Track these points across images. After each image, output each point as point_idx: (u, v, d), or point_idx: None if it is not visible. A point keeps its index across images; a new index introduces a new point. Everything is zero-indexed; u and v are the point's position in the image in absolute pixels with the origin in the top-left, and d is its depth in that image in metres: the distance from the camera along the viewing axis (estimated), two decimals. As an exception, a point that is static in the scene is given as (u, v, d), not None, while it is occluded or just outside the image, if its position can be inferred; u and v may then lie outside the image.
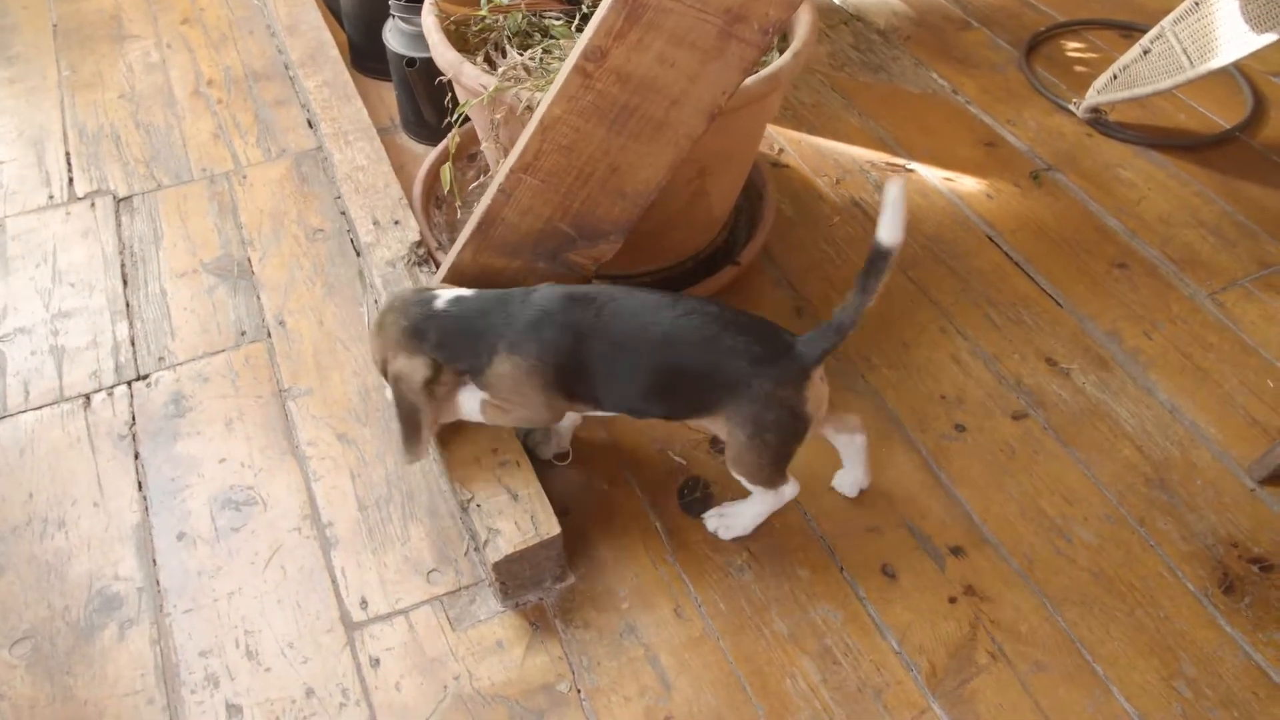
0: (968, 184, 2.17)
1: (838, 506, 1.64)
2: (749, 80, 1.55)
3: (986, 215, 2.10)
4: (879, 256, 1.31)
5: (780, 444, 1.43)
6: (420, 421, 1.45)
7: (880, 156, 2.24)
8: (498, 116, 1.57)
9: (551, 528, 1.48)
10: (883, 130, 2.30)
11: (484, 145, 1.62)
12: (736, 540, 1.60)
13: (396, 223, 1.90)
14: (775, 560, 1.58)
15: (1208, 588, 1.54)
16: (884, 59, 2.50)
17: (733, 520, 1.60)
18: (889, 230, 1.29)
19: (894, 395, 1.79)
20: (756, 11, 1.30)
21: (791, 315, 1.92)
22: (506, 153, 1.60)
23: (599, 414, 1.53)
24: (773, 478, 1.49)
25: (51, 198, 2.18)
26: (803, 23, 1.68)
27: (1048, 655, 1.47)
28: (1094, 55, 2.50)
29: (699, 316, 1.39)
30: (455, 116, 1.59)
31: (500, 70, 1.58)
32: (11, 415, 1.79)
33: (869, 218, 2.10)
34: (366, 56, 2.42)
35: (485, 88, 1.55)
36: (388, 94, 2.38)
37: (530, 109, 1.52)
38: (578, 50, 1.35)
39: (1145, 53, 2.18)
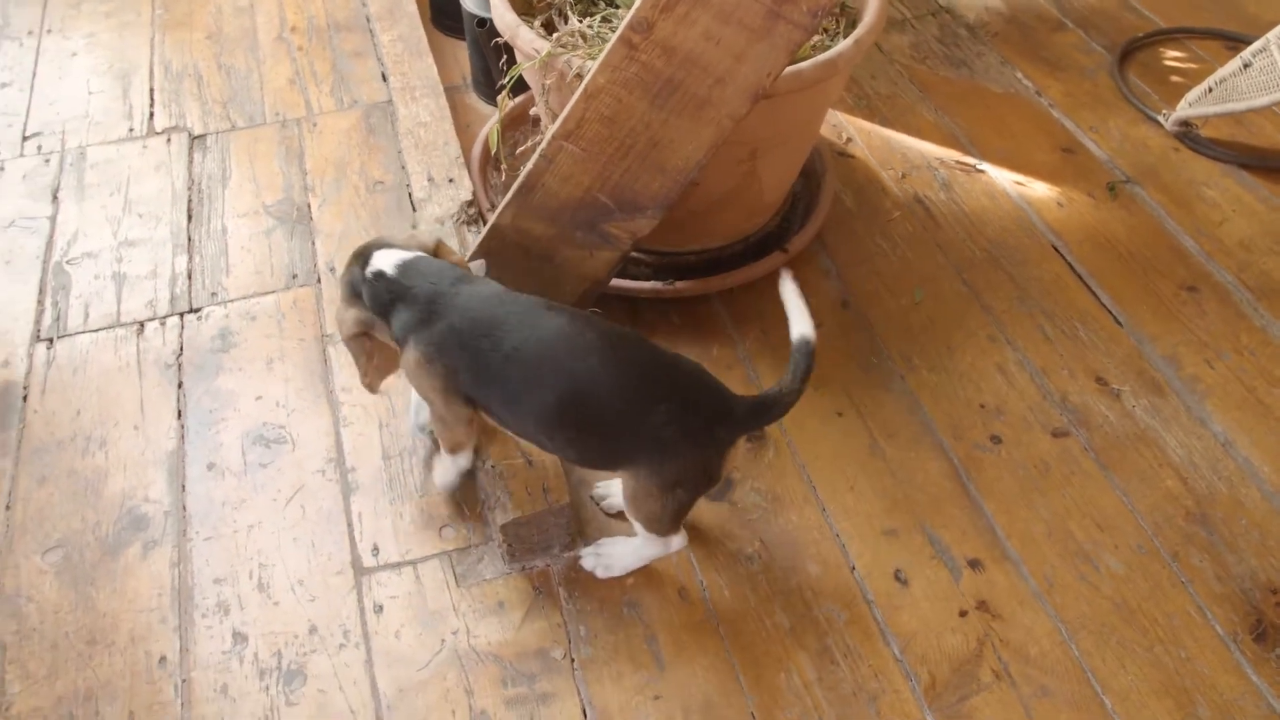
0: (1039, 190, 2.09)
1: (858, 505, 1.61)
2: (805, 64, 1.52)
3: (1054, 224, 2.03)
4: (802, 348, 1.30)
5: (689, 499, 1.39)
6: (360, 363, 1.47)
7: (950, 154, 2.17)
8: (548, 82, 1.56)
9: (561, 496, 1.49)
10: (957, 127, 2.23)
11: (537, 109, 1.62)
12: (750, 529, 1.58)
13: (451, 180, 1.91)
14: (787, 552, 1.56)
15: (1237, 632, 1.47)
16: (968, 54, 2.42)
17: (611, 560, 1.53)
18: (800, 325, 1.29)
19: (931, 399, 1.75)
20: (808, -8, 1.27)
21: (837, 308, 1.88)
22: (554, 119, 1.60)
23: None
24: (670, 528, 1.42)
25: (131, 130, 2.26)
26: (871, 9, 1.63)
27: (1055, 681, 1.43)
28: (1193, 66, 2.38)
29: (630, 372, 1.32)
30: (508, 79, 1.60)
31: (555, 36, 1.57)
32: (70, 335, 1.87)
33: (930, 216, 2.04)
34: (445, 14, 2.44)
35: (538, 52, 1.55)
36: (463, 53, 2.39)
37: (579, 77, 1.52)
38: (625, 21, 1.34)
39: (1245, 66, 2.07)
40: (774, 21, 1.29)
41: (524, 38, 1.58)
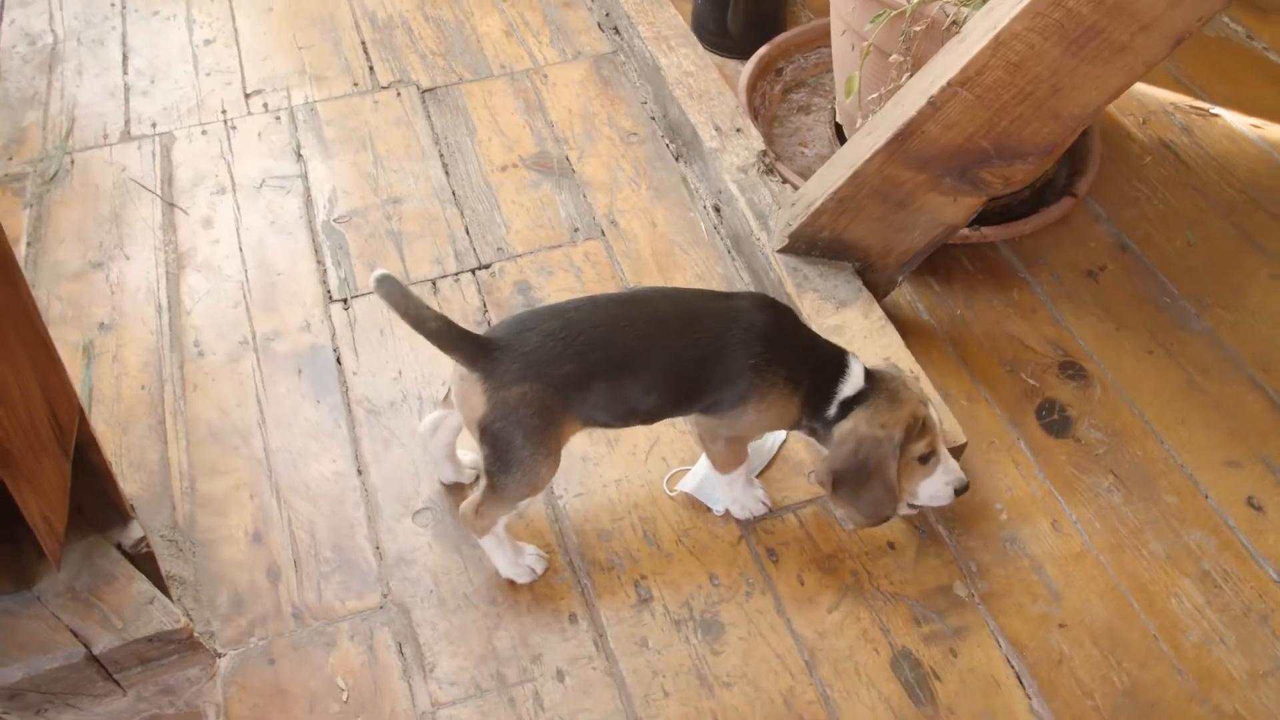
0: (1278, 131, 2.17)
1: (1192, 438, 1.68)
2: (1173, 9, 1.55)
3: (1297, 164, 2.11)
4: None
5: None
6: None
7: (1182, 99, 2.23)
8: (916, 29, 1.57)
9: (958, 435, 1.52)
10: (1178, 72, 2.29)
11: (891, 57, 1.63)
12: (1099, 463, 1.64)
13: (738, 130, 1.91)
14: (1141, 485, 1.62)
15: None
16: (1170, 0, 2.47)
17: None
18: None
19: (1232, 335, 1.82)
20: (1261, -62, 1.29)
21: (1117, 250, 1.94)
22: (914, 67, 1.61)
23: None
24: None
25: (356, 85, 2.19)
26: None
27: None
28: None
29: None
30: (876, 24, 1.60)
31: (921, -18, 1.58)
32: (362, 295, 1.82)
33: (1180, 160, 2.10)
34: (654, -37, 2.40)
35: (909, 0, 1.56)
36: (682, 4, 2.35)
37: (956, 24, 1.53)
38: (1056, -34, 1.35)
39: None
40: (1221, -34, 1.32)
41: (885, -16, 1.58)
